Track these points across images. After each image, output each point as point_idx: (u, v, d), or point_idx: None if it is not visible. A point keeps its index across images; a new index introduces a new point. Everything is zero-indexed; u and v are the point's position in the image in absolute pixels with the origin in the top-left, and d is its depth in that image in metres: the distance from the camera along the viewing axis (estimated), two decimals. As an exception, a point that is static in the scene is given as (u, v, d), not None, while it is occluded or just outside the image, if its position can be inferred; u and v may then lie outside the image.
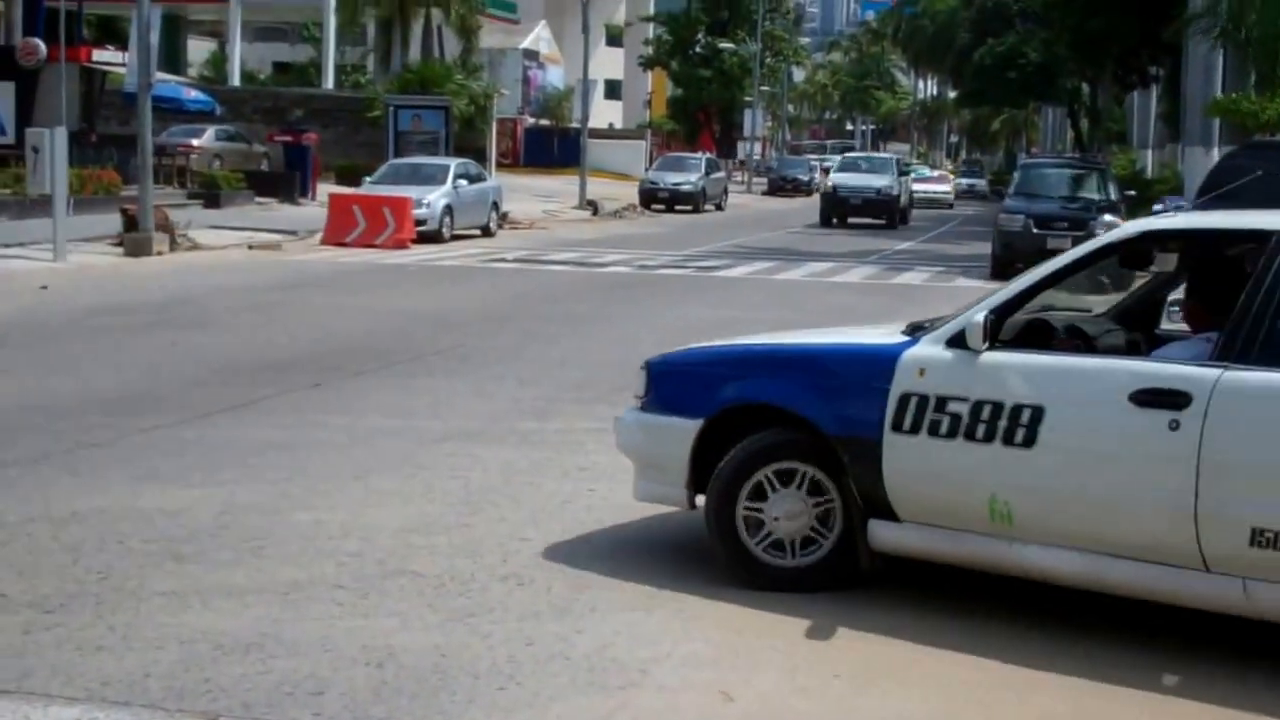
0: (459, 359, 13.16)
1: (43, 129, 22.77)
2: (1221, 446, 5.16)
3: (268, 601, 5.95)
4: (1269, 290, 5.29)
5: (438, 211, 27.90)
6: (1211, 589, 5.31)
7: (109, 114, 38.77)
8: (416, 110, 40.16)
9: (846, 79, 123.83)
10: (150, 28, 23.41)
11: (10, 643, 5.39)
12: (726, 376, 6.43)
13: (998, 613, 6.01)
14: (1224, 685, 5.34)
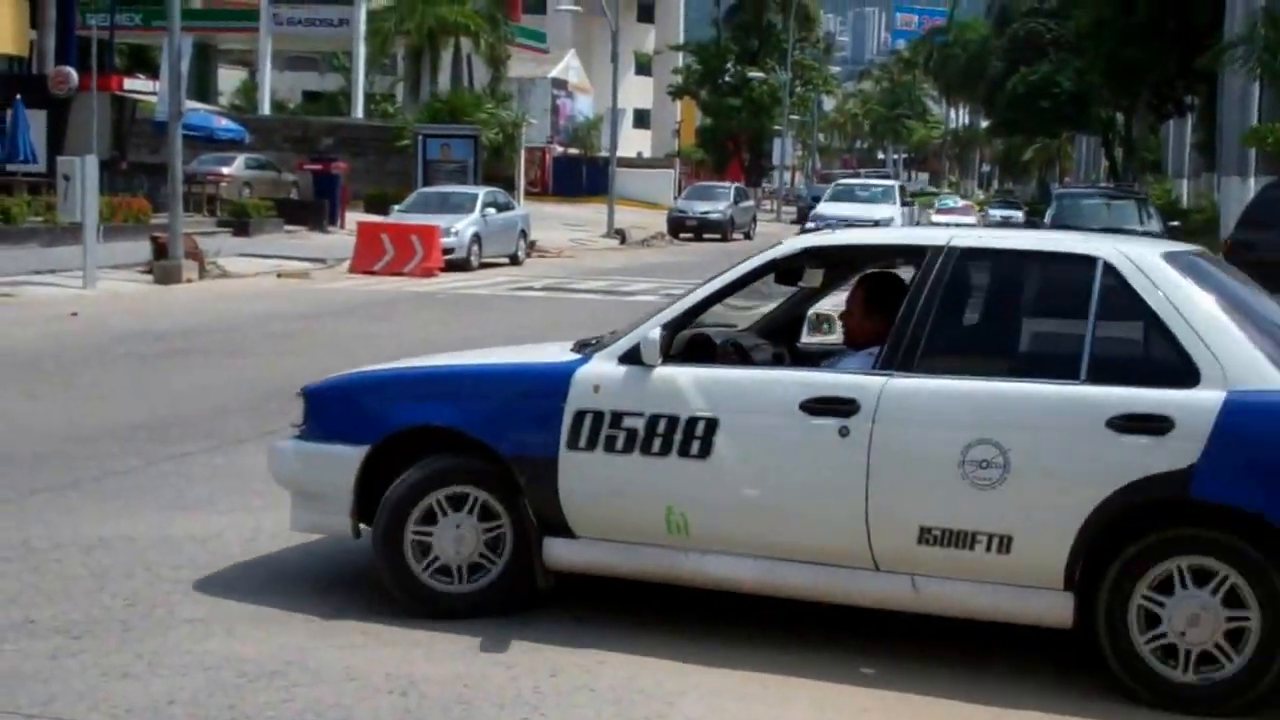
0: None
1: (74, 157, 22.93)
2: (889, 451, 5.42)
3: (293, 629, 5.95)
4: (926, 302, 5.60)
5: (466, 240, 27.99)
6: (883, 587, 5.56)
7: (140, 142, 39.05)
8: (445, 139, 40.31)
9: (877, 108, 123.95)
10: (181, 57, 23.62)
11: (37, 668, 5.42)
12: (393, 401, 6.32)
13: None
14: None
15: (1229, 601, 5.15)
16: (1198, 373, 5.21)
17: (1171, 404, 5.18)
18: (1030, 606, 5.40)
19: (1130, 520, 5.26)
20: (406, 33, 50.92)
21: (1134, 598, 5.25)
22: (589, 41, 75.89)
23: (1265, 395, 5.13)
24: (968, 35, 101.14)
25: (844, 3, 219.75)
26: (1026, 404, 5.37)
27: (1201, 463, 5.10)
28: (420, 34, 50.41)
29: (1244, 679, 5.14)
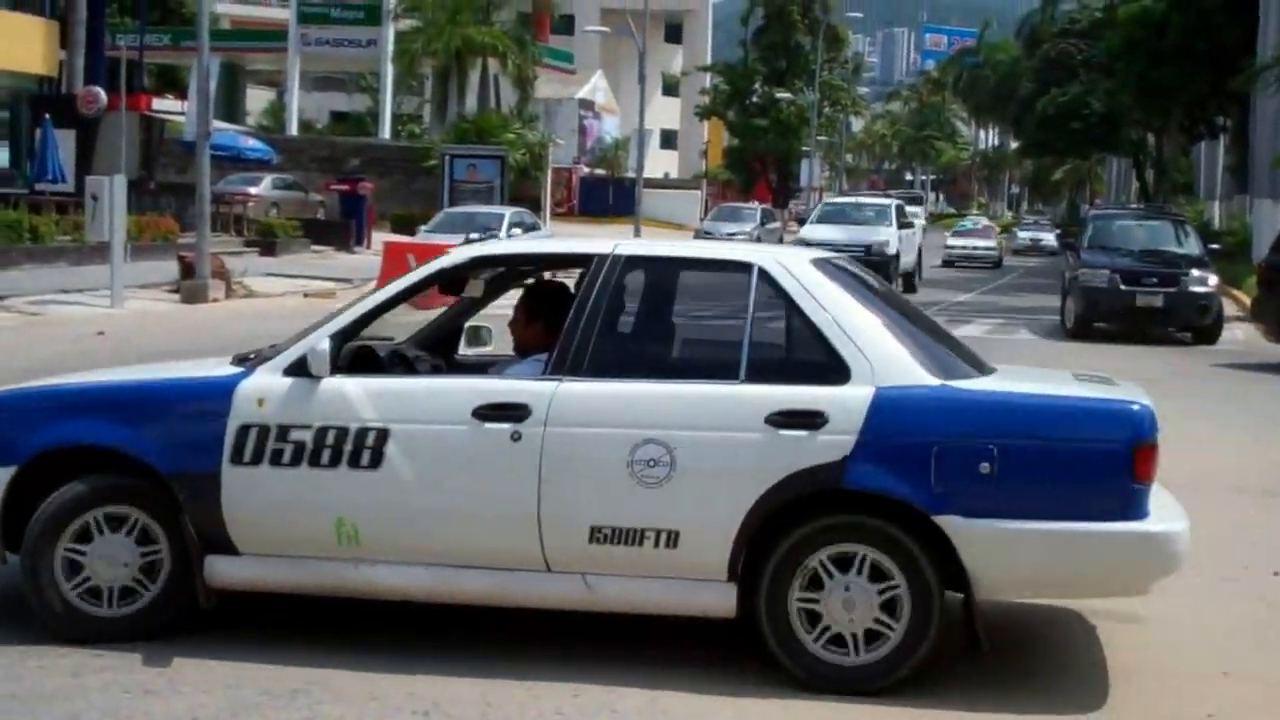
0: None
1: (102, 177, 23.01)
2: (560, 454, 5.57)
3: (315, 648, 5.91)
4: (594, 309, 5.79)
5: (480, 261, 27.92)
6: (556, 588, 5.70)
7: (168, 162, 39.28)
8: (472, 160, 40.44)
9: (905, 129, 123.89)
10: (209, 77, 23.71)
11: (60, 685, 5.40)
12: (44, 419, 6.08)
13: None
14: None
15: (875, 577, 5.49)
16: (848, 370, 5.54)
17: (824, 400, 5.49)
18: (697, 599, 5.61)
19: (791, 512, 5.51)
20: (434, 53, 51.11)
21: (793, 587, 5.52)
22: (616, 62, 76.08)
23: (911, 390, 5.49)
24: (998, 56, 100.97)
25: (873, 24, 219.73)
26: (690, 404, 5.60)
27: (854, 454, 5.41)
28: (448, 55, 50.60)
29: (909, 644, 5.48)
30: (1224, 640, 6.57)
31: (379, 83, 59.95)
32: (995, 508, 5.39)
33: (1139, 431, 5.48)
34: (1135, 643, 6.44)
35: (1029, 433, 5.45)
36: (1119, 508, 5.43)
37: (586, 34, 62.07)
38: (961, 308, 28.97)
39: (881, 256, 28.41)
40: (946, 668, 5.78)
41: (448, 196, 38.55)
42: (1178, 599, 6.92)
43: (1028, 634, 6.41)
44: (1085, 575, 5.58)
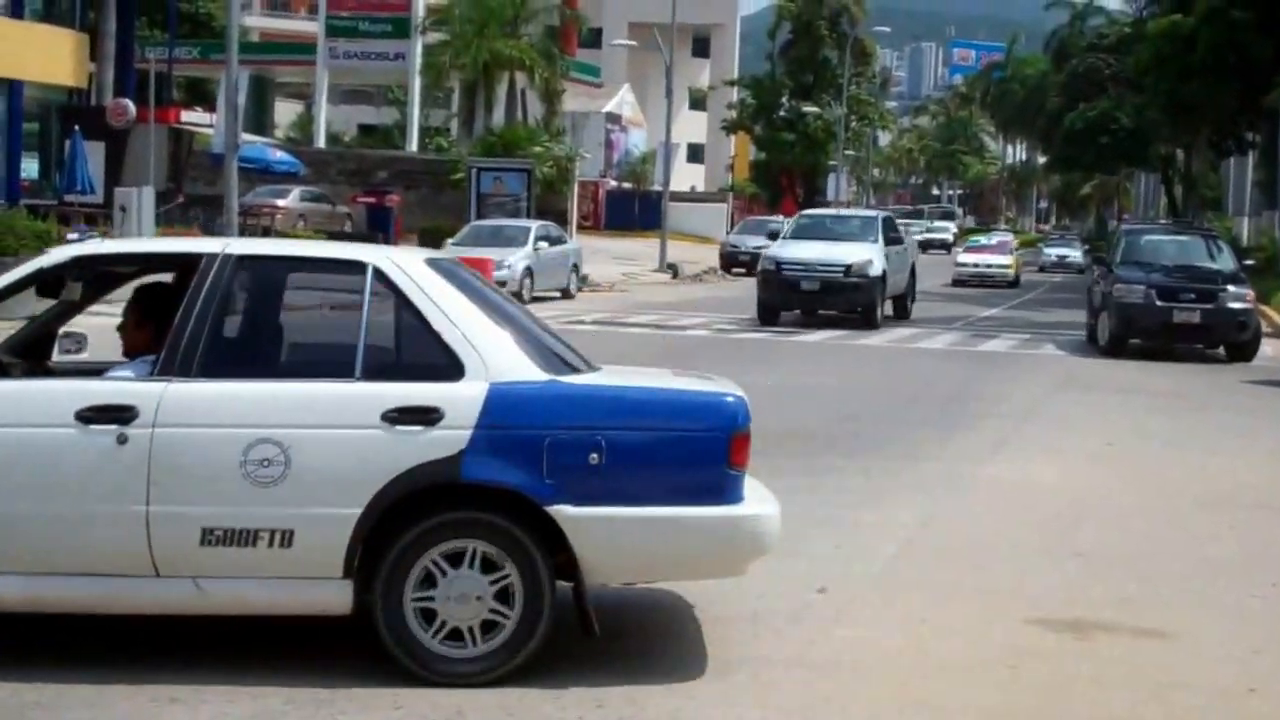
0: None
1: (131, 188, 23.23)
2: (170, 455, 5.51)
3: (340, 657, 5.91)
4: (204, 309, 5.73)
5: (518, 273, 28.05)
6: (165, 592, 5.61)
7: (196, 174, 39.46)
8: (498, 173, 40.52)
9: (933, 143, 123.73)
10: (238, 90, 23.83)
11: (84, 694, 5.43)
12: None
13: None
14: None
15: (487, 568, 5.62)
16: (462, 367, 5.66)
17: (439, 396, 5.58)
18: (313, 597, 5.62)
19: (409, 508, 5.56)
20: (461, 67, 51.22)
21: (408, 585, 5.60)
22: (643, 76, 76.16)
23: (522, 385, 5.64)
24: (1026, 71, 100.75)
25: (900, 38, 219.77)
26: (305, 403, 5.61)
27: (469, 449, 5.52)
28: (475, 68, 50.71)
29: (523, 632, 5.63)
30: (1251, 657, 6.53)
31: (407, 96, 60.14)
32: (603, 495, 5.58)
33: (735, 422, 5.73)
34: (1162, 661, 6.41)
35: (634, 424, 5.66)
36: (716, 493, 5.69)
37: (614, 48, 62.09)
38: (986, 323, 28.88)
39: (863, 278, 24.86)
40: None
41: (474, 210, 38.62)
42: (1206, 615, 6.87)
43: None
44: (686, 558, 5.80)
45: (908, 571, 7.88)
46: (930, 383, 17.62)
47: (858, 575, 7.67)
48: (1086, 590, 7.56)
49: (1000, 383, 17.76)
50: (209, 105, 41.86)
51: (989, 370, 19.39)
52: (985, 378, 18.32)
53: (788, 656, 6.19)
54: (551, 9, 56.19)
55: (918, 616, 6.93)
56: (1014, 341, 24.30)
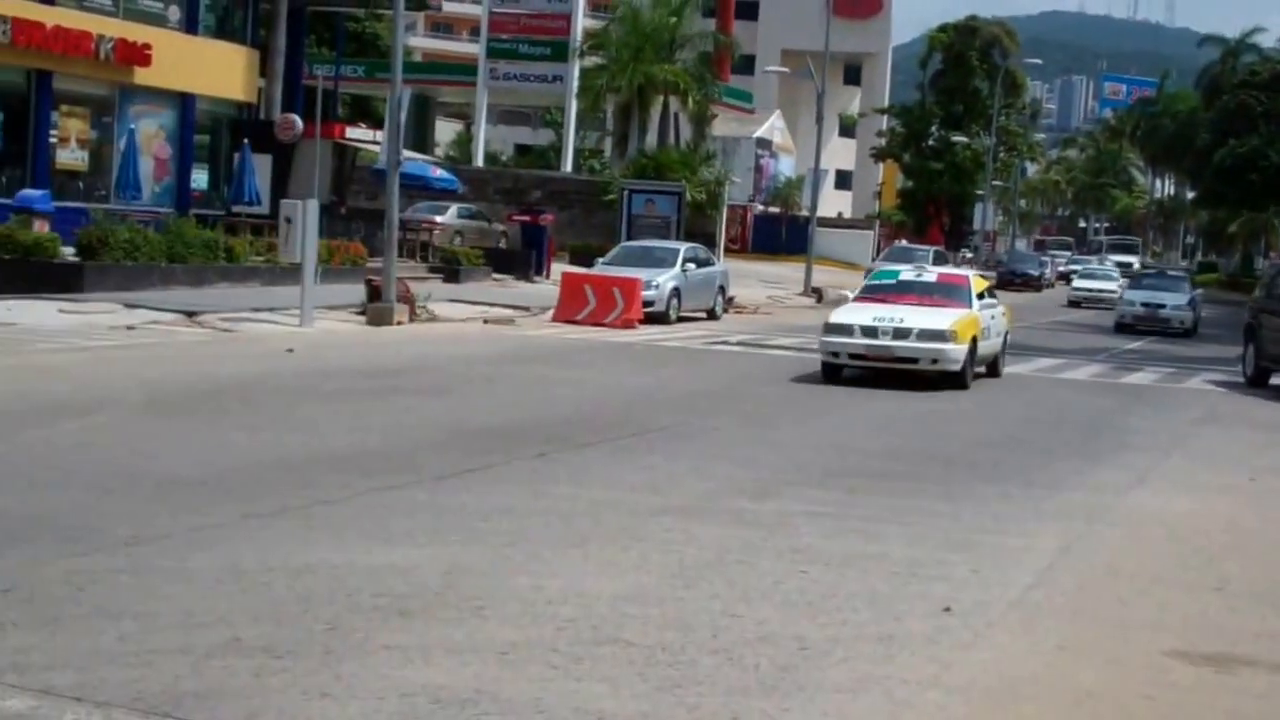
0: (679, 437, 13.33)
1: (296, 201, 23.89)
2: None
3: (485, 660, 6.12)
4: None
5: (666, 294, 28.33)
6: None
7: (358, 189, 40.46)
8: (650, 195, 40.92)
9: (1081, 175, 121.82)
10: (401, 108, 24.44)
11: (242, 684, 5.66)
12: None
13: None
14: None
15: None
16: None
17: None
18: None
19: None
20: (616, 90, 51.81)
21: None
22: (794, 103, 76.14)
23: None
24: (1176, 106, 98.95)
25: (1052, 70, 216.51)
26: None
27: None
28: (630, 91, 51.26)
29: None
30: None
31: (563, 117, 60.92)
32: None
33: None
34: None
35: None
36: None
37: (766, 74, 62.24)
38: (1131, 356, 28.43)
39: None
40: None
41: (625, 230, 39.04)
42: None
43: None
44: None
45: (1046, 599, 7.89)
46: (1073, 413, 17.49)
47: (995, 600, 7.71)
48: (1227, 624, 7.53)
49: (1144, 415, 17.60)
50: (372, 122, 42.95)
51: (1133, 402, 19.23)
52: (1129, 410, 18.15)
53: (923, 678, 6.26)
54: (706, 35, 56.61)
55: (1055, 644, 6.97)
56: (1159, 375, 23.95)
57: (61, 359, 16.88)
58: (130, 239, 25.45)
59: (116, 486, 9.44)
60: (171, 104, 34.06)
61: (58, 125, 31.31)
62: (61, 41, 30.15)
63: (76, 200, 30.62)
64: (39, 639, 6.05)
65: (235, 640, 6.19)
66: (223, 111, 36.08)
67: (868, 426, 15.14)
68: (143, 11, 32.85)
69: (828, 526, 9.40)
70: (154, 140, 33.76)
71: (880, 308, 19.55)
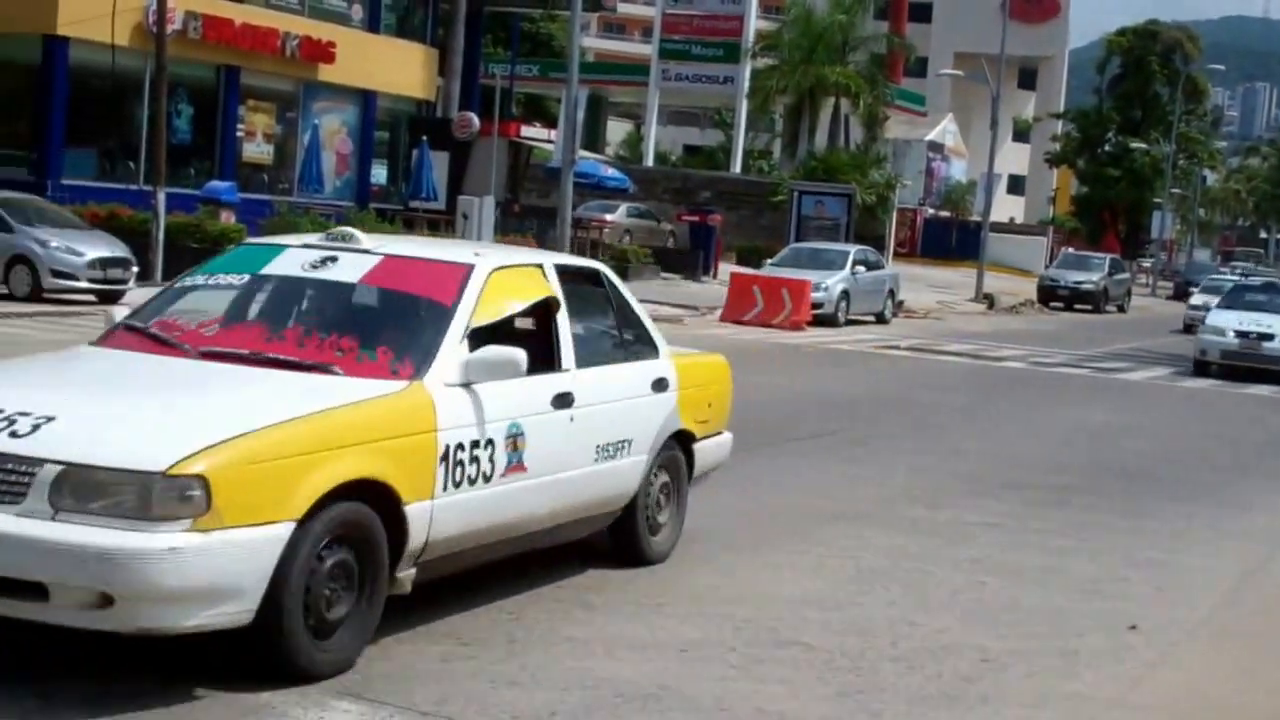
0: (850, 441, 13.28)
1: (473, 197, 24.35)
2: None
3: (666, 656, 6.20)
4: None
5: (834, 296, 28.22)
6: None
7: (531, 186, 40.99)
8: (820, 197, 40.76)
9: (1263, 185, 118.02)
10: (577, 108, 24.70)
11: (430, 669, 5.81)
12: None
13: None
14: None
15: None
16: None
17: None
18: None
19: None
20: (786, 91, 51.70)
21: None
22: (967, 106, 75.17)
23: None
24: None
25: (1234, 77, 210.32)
26: None
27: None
28: (800, 93, 51.11)
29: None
30: None
31: (733, 118, 60.96)
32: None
33: None
34: None
35: None
36: None
37: (939, 77, 61.53)
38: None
39: None
40: None
41: (794, 232, 38.94)
42: None
43: None
44: None
45: (1232, 621, 7.73)
46: (1259, 430, 17.00)
47: (1180, 620, 7.56)
48: None
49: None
50: (546, 121, 43.41)
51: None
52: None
53: (1109, 696, 6.17)
54: (879, 37, 56.19)
55: (1243, 667, 6.82)
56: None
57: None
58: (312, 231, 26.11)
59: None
60: (353, 100, 34.88)
61: (244, 120, 32.28)
62: (249, 38, 31.05)
63: (261, 193, 31.50)
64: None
65: (423, 626, 6.33)
66: (402, 109, 36.84)
67: (1046, 437, 14.90)
68: (327, 10, 33.69)
69: (1005, 538, 9.31)
70: (336, 136, 34.62)
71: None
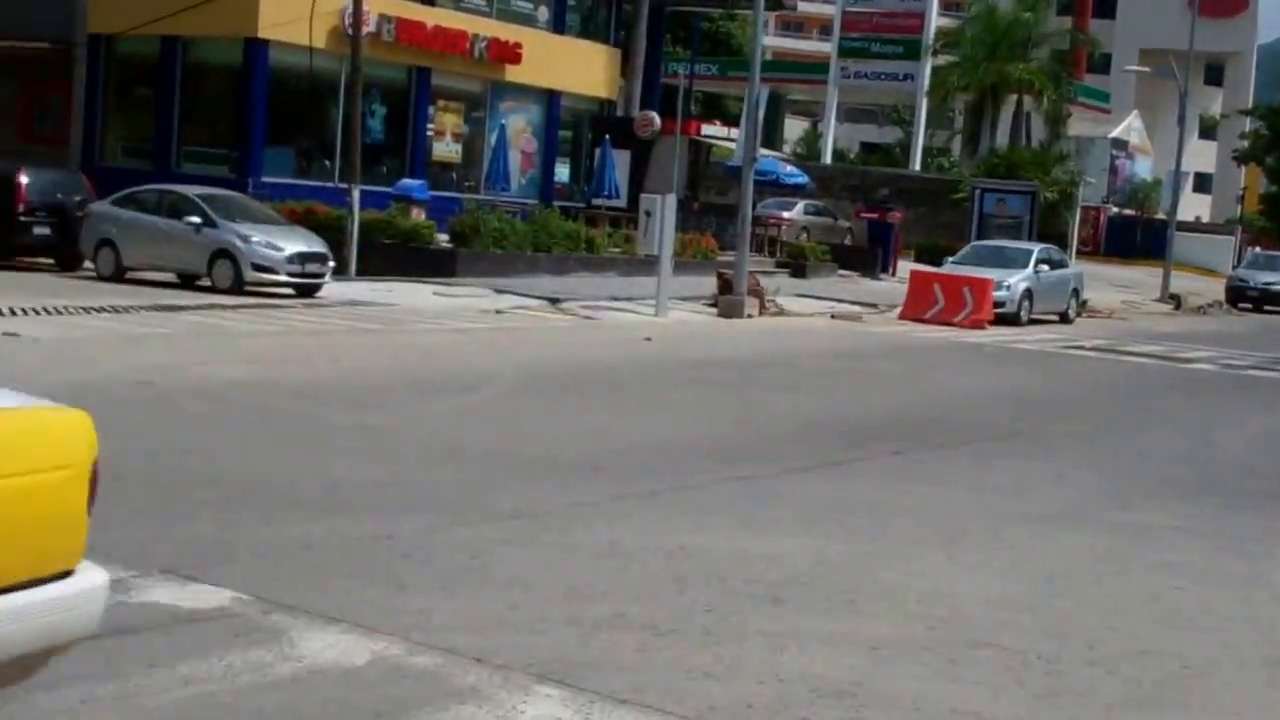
0: (1036, 442, 13.10)
1: (655, 195, 24.54)
2: None
3: (859, 653, 6.18)
4: None
5: (1017, 295, 27.82)
6: None
7: (710, 184, 41.14)
8: (1002, 194, 40.18)
9: None
10: (758, 107, 24.73)
11: (627, 658, 5.89)
12: None
13: None
14: None
15: None
16: None
17: None
18: None
19: None
20: (967, 88, 51.05)
21: None
22: (1153, 102, 73.21)
23: None
24: None
25: None
26: None
27: None
28: (981, 90, 50.45)
29: None
30: None
31: (911, 116, 60.34)
32: None
33: None
34: None
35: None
36: None
37: (1124, 74, 60.05)
38: None
39: None
40: None
41: (976, 229, 38.45)
42: None
43: None
44: None
45: None
46: None
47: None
48: None
49: None
50: (725, 119, 43.53)
51: None
52: None
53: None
54: (1063, 33, 55.19)
55: None
56: None
57: (439, 339, 17.85)
58: (499, 228, 26.67)
59: (499, 462, 9.94)
60: (538, 100, 35.47)
61: (434, 119, 33.04)
62: (440, 40, 31.77)
63: (449, 190, 32.25)
64: (438, 602, 6.46)
65: (619, 615, 6.44)
66: (585, 108, 37.33)
67: (1239, 441, 14.51)
68: (514, 12, 34.29)
69: (1201, 543, 9.09)
70: (521, 135, 35.24)
71: None
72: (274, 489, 8.54)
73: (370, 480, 9.01)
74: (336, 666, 5.53)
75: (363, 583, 6.68)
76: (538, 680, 5.50)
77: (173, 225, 21.54)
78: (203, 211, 21.50)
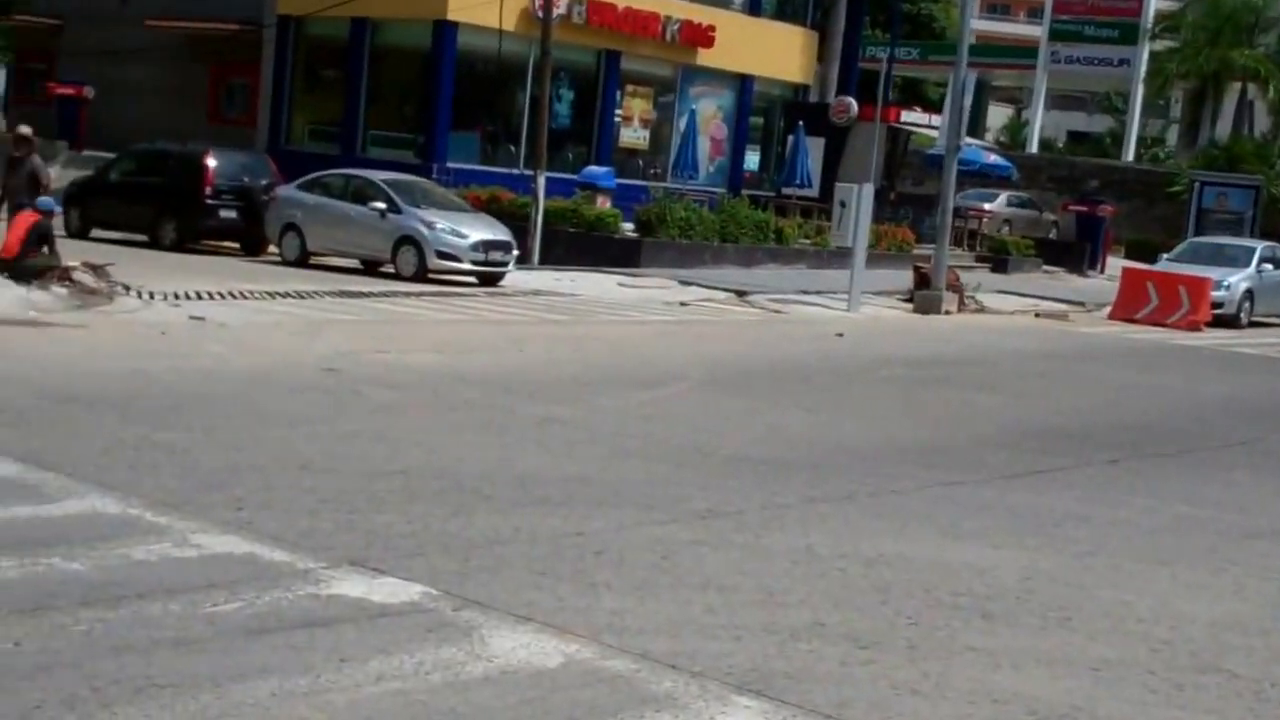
0: (1264, 454, 12.42)
1: (851, 184, 23.97)
2: None
3: (1078, 674, 5.83)
4: None
5: (1237, 295, 26.63)
6: None
7: (906, 173, 40.26)
8: (1223, 188, 38.54)
9: None
10: (964, 93, 24.03)
11: (829, 670, 5.64)
12: None
13: None
14: None
15: None
16: None
17: None
18: None
19: None
20: (1186, 74, 49.15)
21: None
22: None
23: None
24: None
25: None
26: None
27: None
28: (1202, 77, 48.48)
29: None
30: None
31: (1125, 103, 58.37)
32: None
33: None
34: None
35: None
36: None
37: (1358, 60, 57.19)
38: None
39: None
40: None
41: (1193, 225, 36.95)
42: None
43: None
44: None
45: None
46: None
47: None
48: None
49: None
50: (925, 105, 42.63)
51: None
52: None
53: None
54: (1295, 18, 52.65)
55: None
56: None
57: (624, 331, 17.70)
58: (686, 217, 26.40)
59: (688, 459, 9.71)
60: (730, 85, 35.02)
61: (621, 104, 32.87)
62: (631, 22, 31.54)
63: (635, 178, 32.05)
64: (631, 603, 6.25)
65: (818, 624, 6.18)
66: (777, 93, 36.80)
67: None
68: (708, -8, 33.83)
69: None
70: (711, 121, 34.88)
71: None
72: (461, 481, 8.43)
73: (558, 474, 8.85)
74: (529, 667, 5.37)
75: (553, 580, 6.51)
76: (736, 690, 5.29)
77: (358, 211, 21.61)
78: (388, 197, 21.50)
